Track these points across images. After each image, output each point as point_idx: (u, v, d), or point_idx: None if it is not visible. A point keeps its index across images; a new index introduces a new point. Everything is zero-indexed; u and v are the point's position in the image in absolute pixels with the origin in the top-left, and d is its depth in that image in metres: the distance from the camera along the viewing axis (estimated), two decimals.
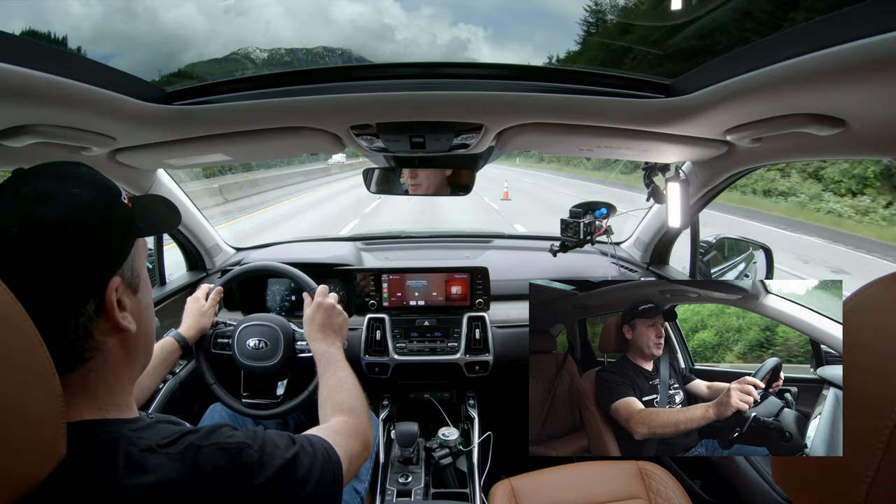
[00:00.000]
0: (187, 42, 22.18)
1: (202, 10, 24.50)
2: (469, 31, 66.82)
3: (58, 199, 0.46)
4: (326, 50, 13.76)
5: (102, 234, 0.48)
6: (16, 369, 0.37)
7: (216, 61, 24.75)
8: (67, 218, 0.45)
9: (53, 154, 0.81)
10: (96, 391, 0.49)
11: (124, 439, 0.46)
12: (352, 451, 0.66)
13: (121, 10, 16.52)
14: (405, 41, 45.76)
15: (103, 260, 0.48)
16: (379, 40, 46.53)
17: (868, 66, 0.47)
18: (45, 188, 0.46)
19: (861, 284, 0.37)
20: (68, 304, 0.45)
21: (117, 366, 0.51)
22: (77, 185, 0.48)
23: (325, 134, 0.93)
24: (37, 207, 0.44)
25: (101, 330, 0.48)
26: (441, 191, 1.33)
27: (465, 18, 63.69)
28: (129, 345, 0.52)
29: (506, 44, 63.09)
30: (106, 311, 0.48)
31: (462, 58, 61.81)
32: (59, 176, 0.48)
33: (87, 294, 0.47)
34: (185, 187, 1.45)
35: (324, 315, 0.98)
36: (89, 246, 0.47)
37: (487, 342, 1.39)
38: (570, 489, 1.14)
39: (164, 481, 0.44)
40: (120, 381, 0.52)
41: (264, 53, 11.83)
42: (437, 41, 47.07)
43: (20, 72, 0.53)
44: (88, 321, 0.47)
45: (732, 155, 0.99)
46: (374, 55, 54.07)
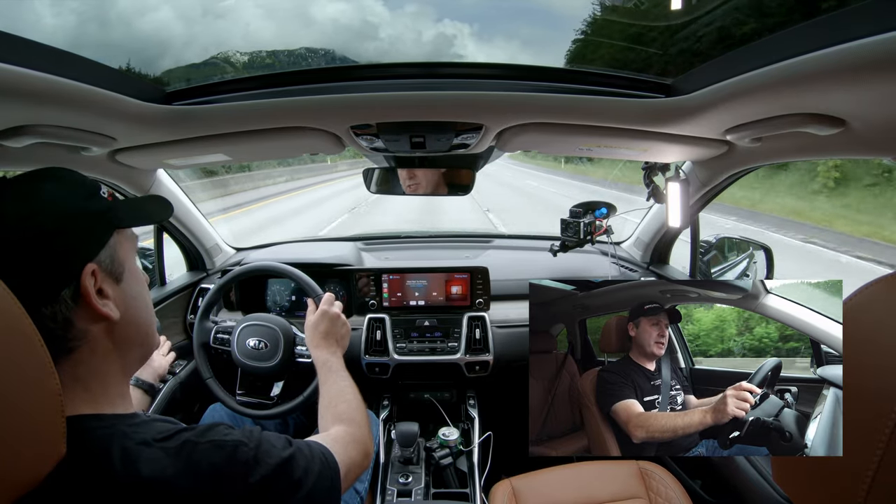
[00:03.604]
0: (164, 47, 21.89)
1: (179, 14, 24.12)
2: (454, 28, 66.83)
3: (32, 196, 0.48)
4: (309, 51, 13.63)
5: (74, 222, 0.49)
6: (16, 369, 0.37)
7: (195, 66, 24.57)
8: (39, 210, 0.47)
9: (53, 154, 0.81)
10: (89, 383, 0.49)
11: (120, 434, 0.46)
12: (350, 460, 0.66)
13: (93, 18, 16.29)
14: (390, 38, 45.43)
15: (76, 248, 0.49)
16: (362, 39, 46.15)
17: (868, 66, 0.47)
18: (21, 189, 0.48)
19: (860, 283, 0.37)
20: (42, 290, 0.46)
21: (106, 356, 0.51)
22: (51, 183, 0.50)
23: (326, 134, 0.93)
24: (10, 205, 0.47)
25: (81, 318, 0.48)
26: (440, 191, 1.33)
27: (450, 15, 63.69)
28: (115, 334, 0.52)
29: (492, 40, 63.17)
30: (83, 298, 0.48)
31: (449, 55, 61.44)
32: (34, 177, 0.51)
33: (61, 281, 0.47)
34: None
35: (328, 323, 0.98)
36: (60, 234, 0.48)
37: (487, 342, 1.39)
38: (571, 489, 1.14)
39: (160, 476, 0.44)
40: (112, 373, 0.52)
41: (245, 56, 11.73)
42: (423, 38, 46.72)
43: (20, 72, 0.53)
44: (66, 308, 0.47)
45: (732, 155, 0.99)
46: (358, 54, 53.77)
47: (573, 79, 0.80)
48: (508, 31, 61.22)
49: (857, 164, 8.26)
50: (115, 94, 0.67)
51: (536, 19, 50.93)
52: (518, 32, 58.51)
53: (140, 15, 37.62)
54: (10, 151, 0.72)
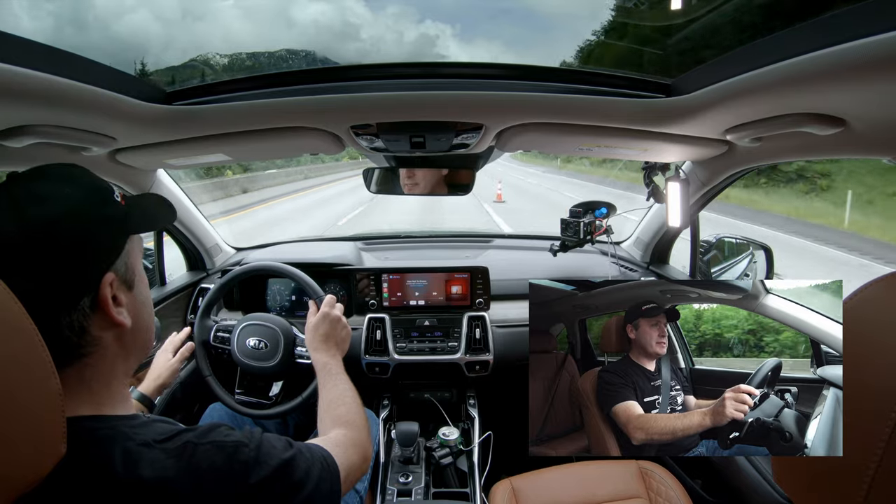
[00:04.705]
0: (143, 50, 21.44)
1: (157, 16, 23.53)
2: (436, 29, 66.34)
3: (51, 200, 0.47)
4: (289, 52, 13.38)
5: (95, 231, 0.49)
6: (16, 368, 0.37)
7: (174, 69, 24.12)
8: (61, 217, 0.46)
9: (53, 154, 0.81)
10: (92, 385, 0.50)
11: (121, 435, 0.46)
12: (350, 463, 0.66)
13: (71, 21, 15.86)
14: (371, 39, 44.67)
15: (97, 257, 0.49)
16: (344, 39, 45.31)
17: (868, 66, 0.47)
18: (39, 190, 0.47)
19: (856, 282, 0.37)
20: (63, 300, 0.46)
21: (114, 361, 0.52)
22: (69, 186, 0.49)
23: (326, 134, 0.93)
24: (31, 209, 0.46)
25: (96, 325, 0.49)
26: (440, 191, 1.33)
27: (431, 16, 62.97)
28: (125, 340, 0.52)
29: (474, 40, 62.65)
30: (101, 306, 0.49)
31: (432, 55, 61.17)
32: (51, 177, 0.49)
33: (82, 290, 0.47)
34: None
35: (329, 326, 0.98)
36: (82, 243, 0.47)
37: (488, 342, 1.39)
38: (571, 489, 1.14)
39: (161, 477, 0.45)
40: (115, 376, 0.52)
41: (224, 59, 11.66)
42: (405, 39, 46.06)
43: (20, 72, 0.53)
44: (84, 317, 0.47)
45: (732, 154, 0.99)
46: (340, 55, 52.80)
47: (573, 79, 0.80)
48: (490, 31, 60.90)
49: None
50: (115, 95, 0.67)
51: (518, 19, 50.65)
52: (500, 33, 58.15)
53: (117, 17, 36.84)
54: (10, 151, 0.72)
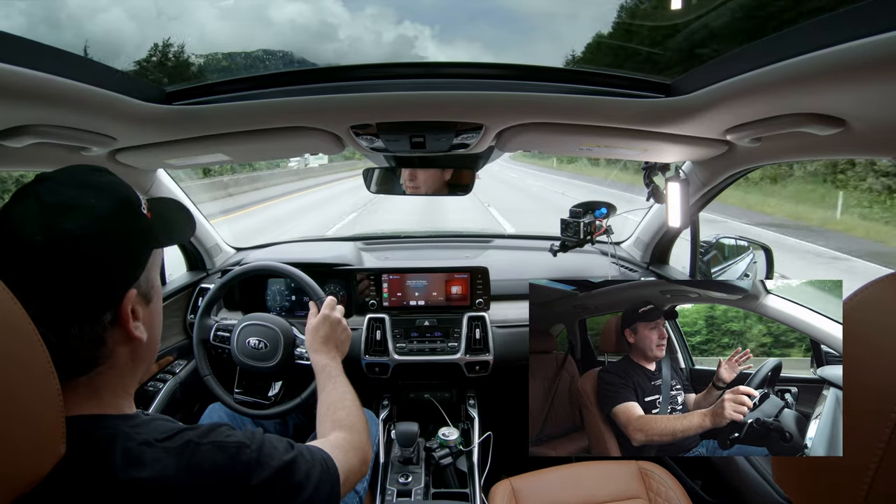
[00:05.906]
0: (117, 50, 20.95)
1: (132, 15, 23.16)
2: (415, 30, 65.71)
3: (81, 210, 0.46)
4: (266, 53, 13.11)
5: (122, 247, 0.49)
6: (16, 368, 0.37)
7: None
8: (89, 230, 0.46)
9: (53, 154, 0.81)
10: (101, 392, 0.50)
11: (122, 435, 0.46)
12: (350, 466, 0.66)
13: (43, 19, 15.53)
14: (349, 40, 43.74)
15: (122, 273, 0.49)
16: (321, 40, 44.41)
17: (868, 66, 0.47)
18: (69, 198, 0.46)
19: (856, 283, 0.37)
20: (86, 314, 0.46)
21: (123, 371, 0.52)
22: (99, 196, 0.48)
23: (326, 134, 0.93)
24: (60, 218, 0.45)
25: (113, 339, 0.49)
26: (440, 191, 1.33)
27: (410, 17, 62.17)
28: (137, 352, 0.53)
29: (453, 41, 61.98)
30: (120, 321, 0.49)
31: (410, 56, 60.92)
32: (82, 185, 0.48)
33: (105, 306, 0.48)
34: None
35: (329, 328, 0.97)
36: (109, 259, 0.47)
37: (487, 342, 1.39)
38: (571, 489, 1.14)
39: (161, 476, 0.44)
40: (123, 385, 0.53)
41: (200, 59, 11.55)
42: (383, 39, 45.35)
43: (20, 72, 0.53)
44: (103, 330, 0.48)
45: (732, 154, 0.99)
46: (317, 56, 51.92)
47: (573, 79, 0.80)
48: (470, 32, 60.25)
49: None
50: (115, 94, 0.67)
51: (498, 20, 49.95)
52: (480, 34, 57.53)
53: (91, 15, 35.25)
54: (10, 151, 0.72)
